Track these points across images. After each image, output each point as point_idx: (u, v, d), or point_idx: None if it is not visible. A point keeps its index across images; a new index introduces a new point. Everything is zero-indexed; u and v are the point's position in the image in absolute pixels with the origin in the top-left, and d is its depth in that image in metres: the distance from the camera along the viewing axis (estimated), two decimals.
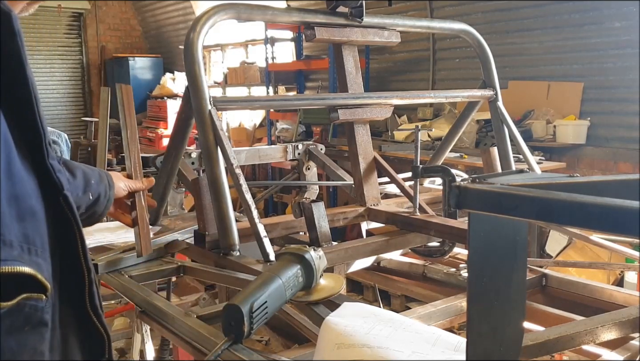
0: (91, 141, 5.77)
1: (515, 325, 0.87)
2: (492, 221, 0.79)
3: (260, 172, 8.00)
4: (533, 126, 5.19)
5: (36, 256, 0.76)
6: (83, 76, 10.94)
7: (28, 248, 0.75)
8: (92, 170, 1.42)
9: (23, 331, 0.76)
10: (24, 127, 0.80)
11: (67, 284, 0.86)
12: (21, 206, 0.76)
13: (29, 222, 0.77)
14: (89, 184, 1.36)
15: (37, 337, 0.78)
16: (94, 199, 1.39)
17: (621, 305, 1.60)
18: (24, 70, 0.79)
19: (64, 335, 0.86)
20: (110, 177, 1.51)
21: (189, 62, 1.77)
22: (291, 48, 7.96)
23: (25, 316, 0.75)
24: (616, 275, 4.17)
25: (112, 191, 1.48)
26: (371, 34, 2.18)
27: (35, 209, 0.79)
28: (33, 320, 0.77)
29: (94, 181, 1.39)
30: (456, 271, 2.05)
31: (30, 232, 0.76)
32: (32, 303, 0.76)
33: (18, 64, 0.79)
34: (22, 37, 0.78)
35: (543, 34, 5.38)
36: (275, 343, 1.80)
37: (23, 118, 0.80)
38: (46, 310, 0.78)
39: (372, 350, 1.04)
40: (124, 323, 3.76)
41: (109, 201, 1.46)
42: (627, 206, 0.62)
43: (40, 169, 0.82)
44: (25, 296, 0.74)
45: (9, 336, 0.73)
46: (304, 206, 1.91)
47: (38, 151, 0.82)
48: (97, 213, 1.43)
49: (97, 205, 1.41)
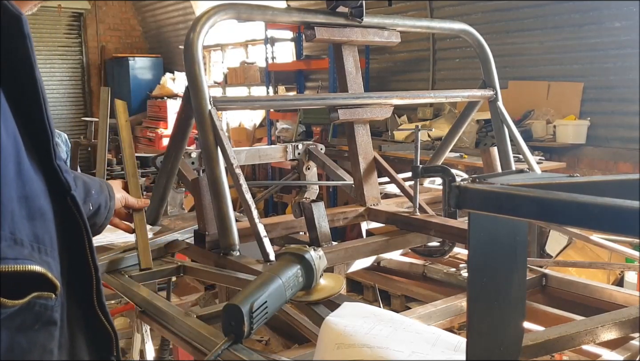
0: (91, 141, 5.76)
1: (515, 325, 0.87)
2: (492, 221, 0.79)
3: (260, 172, 8.00)
4: (533, 126, 5.19)
5: (46, 255, 0.77)
6: (83, 76, 10.94)
7: (38, 247, 0.76)
8: (93, 180, 1.43)
9: (33, 330, 0.77)
10: (32, 128, 0.81)
11: (75, 283, 0.87)
12: (31, 206, 0.76)
13: (38, 221, 0.77)
14: (89, 195, 1.36)
15: (46, 335, 0.79)
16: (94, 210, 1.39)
17: (621, 304, 1.60)
18: (34, 72, 0.80)
19: (71, 333, 0.87)
20: (111, 188, 1.52)
21: (189, 62, 1.77)
22: (291, 48, 7.96)
23: (36, 315, 0.76)
24: (616, 275, 4.17)
25: (112, 202, 1.49)
26: (371, 34, 2.18)
27: (44, 209, 0.80)
28: (43, 318, 0.78)
29: (94, 192, 1.39)
30: (456, 271, 2.05)
31: (40, 231, 0.77)
32: (42, 302, 0.77)
33: (28, 67, 0.80)
34: (31, 40, 0.79)
35: (543, 34, 5.38)
36: (275, 343, 1.80)
37: (31, 119, 0.81)
38: (55, 308, 0.79)
39: (372, 350, 1.04)
40: (124, 323, 3.76)
41: (110, 212, 1.47)
42: (627, 206, 0.62)
43: (48, 169, 0.83)
44: (36, 294, 0.75)
45: (19, 334, 0.75)
46: (304, 206, 1.91)
47: (46, 152, 0.83)
48: (97, 224, 1.44)
49: (98, 216, 1.42)
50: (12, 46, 0.77)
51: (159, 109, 9.52)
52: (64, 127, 9.80)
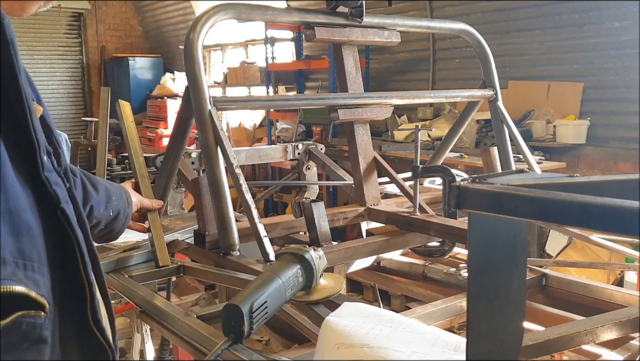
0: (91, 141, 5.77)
1: (515, 325, 0.87)
2: (492, 221, 0.79)
3: (260, 172, 8.00)
4: (533, 126, 5.19)
5: (32, 272, 0.74)
6: (83, 76, 10.95)
7: (24, 264, 0.73)
8: (114, 186, 1.42)
9: (21, 349, 0.74)
10: (18, 140, 0.78)
11: (68, 299, 0.83)
12: (15, 221, 0.73)
13: (24, 237, 0.74)
14: (110, 200, 1.36)
15: (36, 354, 0.76)
16: (114, 216, 1.39)
17: (621, 304, 1.60)
18: (18, 80, 0.76)
19: (64, 350, 0.83)
20: (129, 195, 1.51)
21: (189, 62, 1.77)
22: (291, 48, 7.96)
23: (23, 334, 0.73)
24: (616, 275, 4.17)
25: (130, 208, 1.49)
26: (371, 34, 2.18)
27: (31, 224, 0.76)
28: (31, 337, 0.75)
29: (114, 198, 1.38)
30: (456, 271, 2.05)
31: (26, 247, 0.74)
32: (30, 320, 0.74)
33: (11, 75, 0.76)
34: (15, 45, 0.76)
35: (543, 34, 5.38)
36: (275, 343, 1.80)
37: (17, 130, 0.78)
38: (45, 326, 0.76)
39: (372, 350, 1.04)
40: (124, 323, 3.75)
41: (127, 218, 1.47)
42: (627, 206, 0.62)
43: (35, 182, 0.79)
44: (20, 313, 0.72)
45: (6, 354, 0.72)
46: (304, 206, 1.91)
47: (33, 164, 0.79)
48: (115, 230, 1.43)
49: (116, 222, 1.42)
50: None
51: (159, 109, 9.52)
52: (64, 127, 9.81)
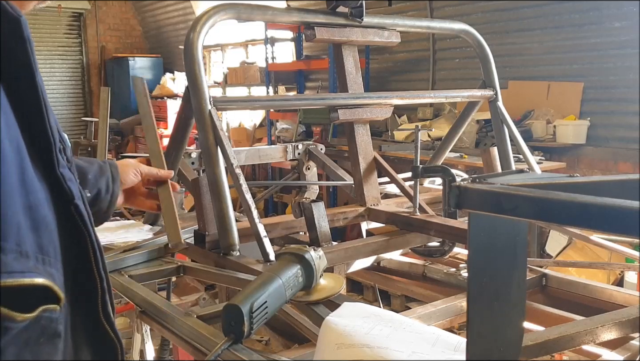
0: (91, 141, 5.78)
1: (515, 325, 0.87)
2: (492, 221, 0.79)
3: (260, 172, 8.00)
4: (533, 126, 5.20)
5: (49, 267, 0.75)
6: (83, 76, 10.95)
7: (42, 259, 0.73)
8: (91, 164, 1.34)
9: (38, 343, 0.74)
10: (34, 136, 0.78)
11: (80, 294, 0.84)
12: (35, 216, 0.74)
13: (42, 231, 0.75)
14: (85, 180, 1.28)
15: (51, 348, 0.77)
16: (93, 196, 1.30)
17: (621, 304, 1.60)
18: (34, 78, 0.77)
19: (76, 344, 0.84)
20: (116, 169, 1.39)
21: (189, 62, 1.77)
22: (291, 48, 7.96)
23: (42, 328, 0.74)
24: (616, 275, 4.17)
25: (116, 184, 1.37)
26: (371, 34, 2.18)
27: (48, 219, 0.77)
28: (48, 332, 0.75)
29: (91, 176, 1.30)
30: (456, 271, 2.05)
31: (44, 242, 0.75)
32: (47, 315, 0.74)
33: (29, 72, 0.76)
34: (32, 43, 0.76)
35: (543, 34, 5.38)
36: (275, 343, 1.80)
37: (33, 126, 0.78)
38: (60, 320, 0.77)
39: (372, 350, 1.04)
40: (124, 323, 3.76)
41: (114, 195, 1.36)
42: (627, 206, 0.62)
43: (50, 178, 0.80)
44: (43, 308, 0.73)
45: (24, 349, 0.72)
46: (304, 206, 1.91)
47: (48, 160, 0.80)
48: (102, 210, 1.34)
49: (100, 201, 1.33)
50: (11, 51, 0.74)
51: (159, 109, 9.51)
52: (64, 127, 9.76)
